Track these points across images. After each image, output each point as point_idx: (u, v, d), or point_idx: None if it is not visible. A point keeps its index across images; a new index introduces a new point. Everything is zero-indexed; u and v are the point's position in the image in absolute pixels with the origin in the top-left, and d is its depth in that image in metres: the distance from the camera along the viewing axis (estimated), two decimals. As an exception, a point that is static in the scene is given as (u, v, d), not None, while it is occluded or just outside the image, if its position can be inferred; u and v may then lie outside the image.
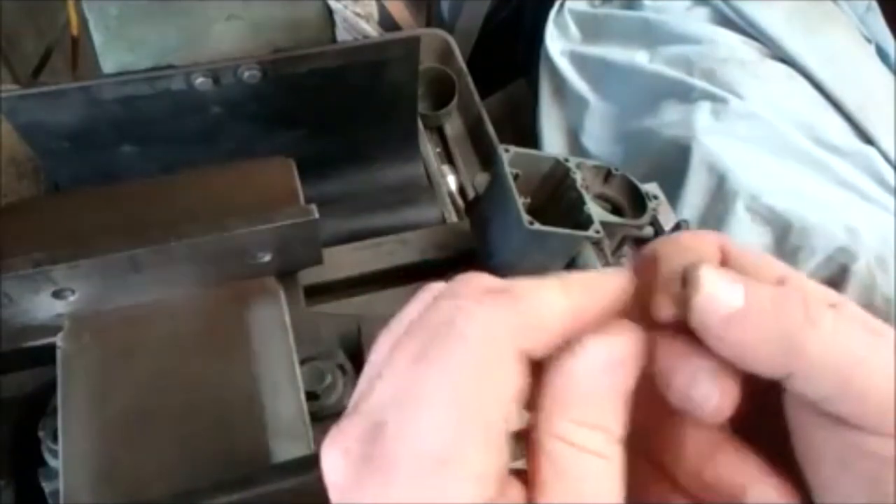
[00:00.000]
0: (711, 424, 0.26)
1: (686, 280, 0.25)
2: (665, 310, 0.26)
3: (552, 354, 0.25)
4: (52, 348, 0.61)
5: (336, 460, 0.25)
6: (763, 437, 0.27)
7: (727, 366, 0.25)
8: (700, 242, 0.27)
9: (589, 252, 0.70)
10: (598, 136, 1.24)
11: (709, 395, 0.25)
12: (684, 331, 0.25)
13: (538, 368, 0.25)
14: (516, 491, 0.23)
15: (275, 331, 0.63)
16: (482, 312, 0.24)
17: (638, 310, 0.27)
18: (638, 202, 0.72)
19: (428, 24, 1.47)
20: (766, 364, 0.24)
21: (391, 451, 0.23)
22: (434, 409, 0.22)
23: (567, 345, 0.25)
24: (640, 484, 0.27)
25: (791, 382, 0.24)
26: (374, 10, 0.95)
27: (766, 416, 0.26)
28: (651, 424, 0.27)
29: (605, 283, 0.26)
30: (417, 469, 0.22)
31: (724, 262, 0.27)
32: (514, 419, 0.24)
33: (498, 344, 0.23)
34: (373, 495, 0.23)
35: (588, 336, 0.25)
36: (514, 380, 0.24)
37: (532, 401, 0.24)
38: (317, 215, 0.62)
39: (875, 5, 1.27)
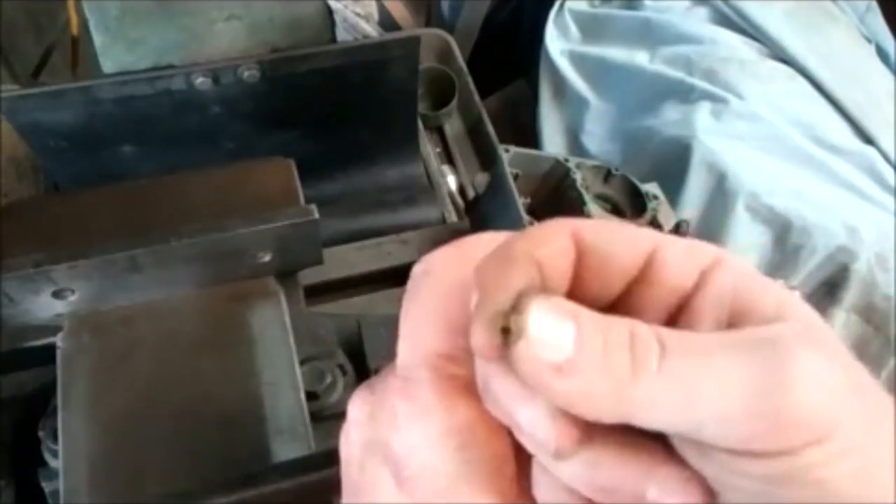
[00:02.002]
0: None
1: (510, 320, 0.22)
2: (491, 354, 0.23)
3: None
4: (52, 348, 0.61)
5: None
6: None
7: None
8: (544, 244, 0.24)
9: (589, 252, 0.69)
10: (598, 135, 1.24)
11: (548, 439, 0.23)
12: None
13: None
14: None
15: (275, 331, 0.63)
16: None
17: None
18: (638, 202, 0.72)
19: (428, 24, 1.47)
20: (598, 414, 0.22)
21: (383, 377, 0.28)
22: (401, 341, 0.27)
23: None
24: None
25: (633, 423, 0.22)
26: (374, 10, 0.95)
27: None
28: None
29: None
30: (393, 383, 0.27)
31: (580, 252, 0.25)
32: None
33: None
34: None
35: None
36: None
37: None
38: (317, 215, 0.62)
39: (875, 5, 1.27)
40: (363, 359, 0.66)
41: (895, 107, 1.15)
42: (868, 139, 1.13)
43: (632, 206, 0.72)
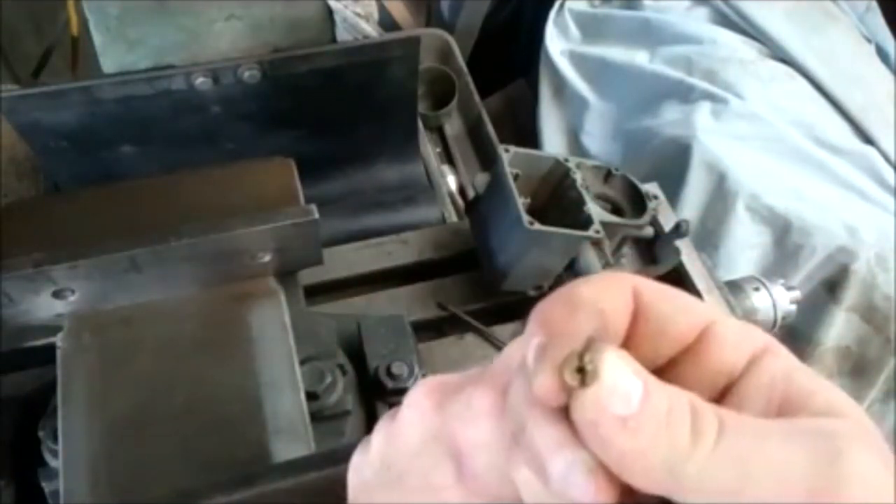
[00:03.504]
0: None
1: (581, 366, 0.22)
2: (553, 395, 0.22)
3: None
4: (52, 348, 0.61)
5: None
6: None
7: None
8: (608, 296, 0.24)
9: (589, 252, 0.70)
10: (598, 135, 1.24)
11: (584, 493, 0.22)
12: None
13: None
14: None
15: (275, 331, 0.63)
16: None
17: None
18: (638, 202, 0.72)
19: (428, 24, 1.47)
20: (647, 478, 0.21)
21: None
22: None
23: None
24: None
25: (672, 498, 0.22)
26: (374, 10, 0.95)
27: None
28: None
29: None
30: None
31: (638, 311, 0.25)
32: None
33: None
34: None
35: None
36: None
37: None
38: (317, 215, 0.62)
39: (875, 5, 1.27)
40: (363, 359, 0.66)
41: (895, 107, 1.15)
42: (868, 139, 1.14)
43: (632, 206, 0.72)
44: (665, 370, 0.26)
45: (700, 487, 0.21)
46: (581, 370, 0.22)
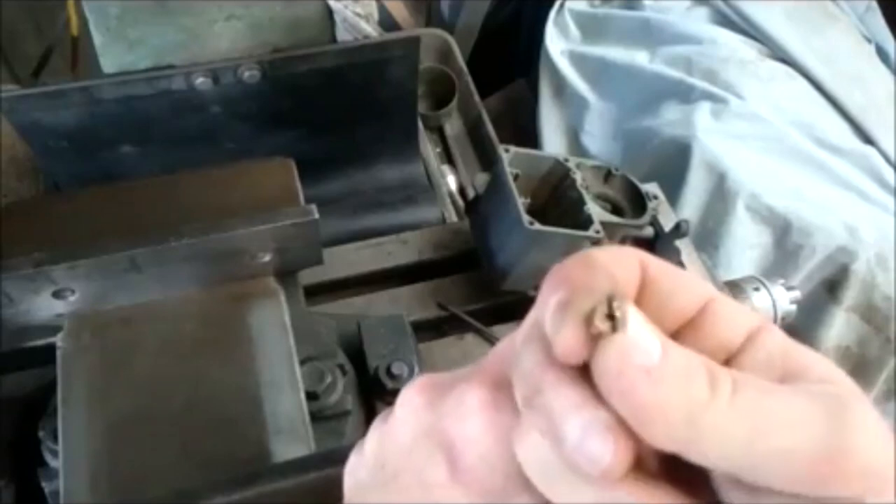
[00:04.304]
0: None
1: (610, 313, 0.22)
2: (577, 349, 0.22)
3: None
4: (52, 348, 0.61)
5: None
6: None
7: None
8: (619, 264, 0.25)
9: (589, 252, 0.69)
10: (598, 135, 1.24)
11: (602, 453, 0.22)
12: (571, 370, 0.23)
13: None
14: None
15: (275, 331, 0.63)
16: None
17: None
18: (638, 202, 0.72)
19: (428, 24, 1.47)
20: (666, 433, 0.22)
21: None
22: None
23: None
24: None
25: (687, 455, 0.22)
26: (374, 10, 0.95)
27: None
28: None
29: None
30: None
31: (643, 283, 0.26)
32: None
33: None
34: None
35: None
36: None
37: None
38: (317, 215, 0.62)
39: (875, 5, 1.27)
40: (363, 359, 0.66)
41: (895, 107, 1.15)
42: (868, 139, 1.13)
43: (632, 206, 0.72)
44: None
45: (717, 439, 0.22)
46: (611, 317, 0.22)
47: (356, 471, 0.31)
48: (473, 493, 0.26)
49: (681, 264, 0.76)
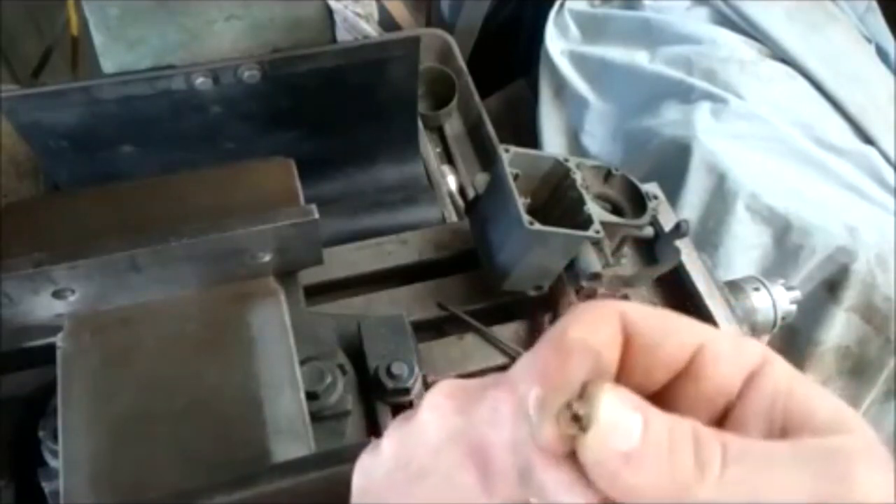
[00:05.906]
0: None
1: (581, 405, 0.23)
2: (557, 445, 0.23)
3: None
4: (52, 348, 0.61)
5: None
6: None
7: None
8: (596, 332, 0.25)
9: (589, 252, 0.70)
10: (598, 135, 1.24)
11: None
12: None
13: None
14: None
15: (275, 331, 0.63)
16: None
17: None
18: (638, 202, 0.72)
19: (428, 24, 1.47)
20: None
21: None
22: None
23: None
24: None
25: None
26: (374, 10, 0.95)
27: None
28: None
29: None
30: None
31: (627, 340, 0.25)
32: None
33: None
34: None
35: None
36: None
37: None
38: (317, 215, 0.62)
39: (875, 5, 1.27)
40: (363, 359, 0.66)
41: (895, 107, 1.15)
42: (868, 139, 1.13)
43: (632, 206, 0.72)
44: (663, 395, 0.26)
45: None
46: (577, 418, 0.23)
47: (371, 471, 0.31)
48: (500, 499, 0.26)
49: (681, 264, 0.76)
